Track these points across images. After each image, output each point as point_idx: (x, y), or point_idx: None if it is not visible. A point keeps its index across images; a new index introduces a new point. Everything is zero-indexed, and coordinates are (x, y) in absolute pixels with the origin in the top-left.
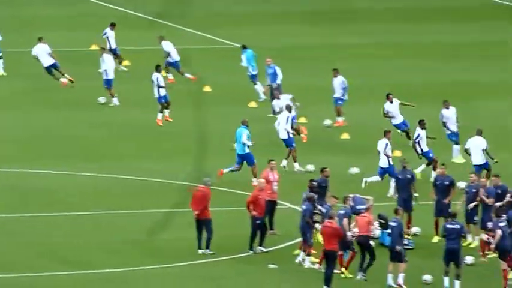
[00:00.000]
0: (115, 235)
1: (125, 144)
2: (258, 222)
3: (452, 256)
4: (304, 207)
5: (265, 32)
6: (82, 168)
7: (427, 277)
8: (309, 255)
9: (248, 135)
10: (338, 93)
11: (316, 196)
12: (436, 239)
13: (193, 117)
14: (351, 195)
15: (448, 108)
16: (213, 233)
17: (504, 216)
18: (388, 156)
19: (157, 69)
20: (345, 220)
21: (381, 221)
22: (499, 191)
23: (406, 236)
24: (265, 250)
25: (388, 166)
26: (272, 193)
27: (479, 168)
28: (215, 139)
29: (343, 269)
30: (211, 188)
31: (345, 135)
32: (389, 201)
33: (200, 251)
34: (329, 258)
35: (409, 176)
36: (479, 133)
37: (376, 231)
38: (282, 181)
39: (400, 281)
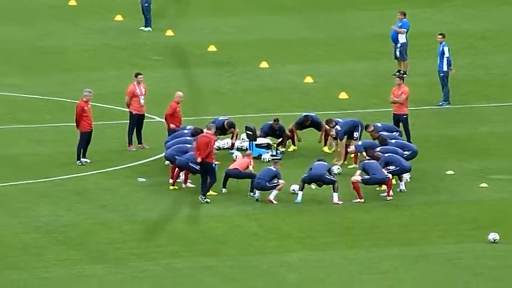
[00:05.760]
0: None
1: None
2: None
3: (315, 180)
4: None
5: None
6: None
7: (295, 187)
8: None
9: None
10: None
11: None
12: (291, 148)
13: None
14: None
15: None
16: (86, 144)
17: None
18: None
19: None
20: None
21: (249, 132)
22: None
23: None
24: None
25: None
26: (140, 107)
27: None
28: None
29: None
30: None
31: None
32: None
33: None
34: (207, 169)
35: None
36: None
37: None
38: (149, 94)
39: (271, 196)
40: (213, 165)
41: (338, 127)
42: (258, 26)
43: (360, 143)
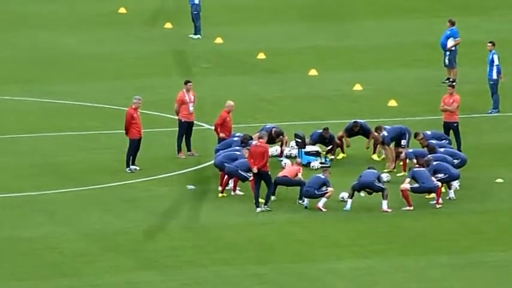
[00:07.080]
0: (33, 158)
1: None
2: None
3: (364, 188)
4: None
5: None
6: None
7: (344, 194)
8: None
9: None
10: None
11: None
12: (340, 155)
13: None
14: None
15: None
16: (135, 151)
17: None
18: None
19: None
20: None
21: (298, 139)
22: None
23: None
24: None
25: None
26: (188, 114)
27: None
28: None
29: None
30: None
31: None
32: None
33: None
34: (264, 178)
35: None
36: None
37: (293, 151)
38: (198, 102)
39: (320, 204)
40: (269, 173)
41: (385, 133)
42: (307, 33)
43: (410, 150)
